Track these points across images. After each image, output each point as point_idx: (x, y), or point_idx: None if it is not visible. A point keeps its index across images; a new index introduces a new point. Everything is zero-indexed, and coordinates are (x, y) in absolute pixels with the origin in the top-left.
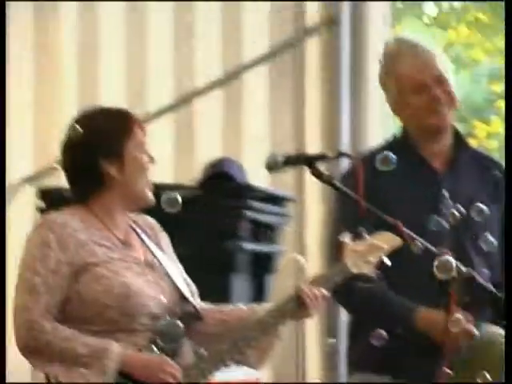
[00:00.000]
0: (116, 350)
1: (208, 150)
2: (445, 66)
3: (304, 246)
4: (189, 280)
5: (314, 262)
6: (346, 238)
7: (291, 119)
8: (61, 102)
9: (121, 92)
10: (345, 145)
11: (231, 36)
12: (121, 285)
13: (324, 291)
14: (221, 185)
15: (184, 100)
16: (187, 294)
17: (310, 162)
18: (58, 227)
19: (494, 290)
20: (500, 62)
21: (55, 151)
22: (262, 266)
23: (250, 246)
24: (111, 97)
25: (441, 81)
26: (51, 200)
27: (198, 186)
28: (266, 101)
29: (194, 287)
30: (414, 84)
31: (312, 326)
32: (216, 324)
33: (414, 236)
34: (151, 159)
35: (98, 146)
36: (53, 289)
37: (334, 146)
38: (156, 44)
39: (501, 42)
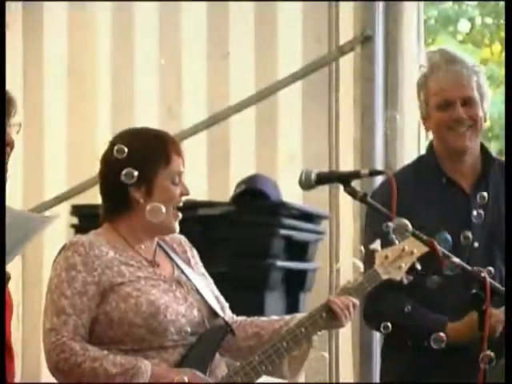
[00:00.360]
0: (147, 367)
1: (242, 167)
2: (483, 87)
3: (338, 263)
4: (218, 294)
5: (346, 278)
6: (377, 244)
7: (325, 137)
8: (95, 118)
9: (154, 108)
10: (378, 162)
11: (266, 54)
12: (148, 303)
13: (354, 300)
14: (255, 202)
15: (218, 117)
16: (217, 308)
17: (343, 179)
18: (84, 249)
19: None
20: None
21: (88, 169)
22: (297, 283)
23: (284, 263)
24: (145, 115)
25: (468, 102)
26: (84, 216)
27: (231, 203)
28: (300, 118)
29: (223, 301)
30: (439, 100)
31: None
32: (249, 337)
33: (449, 254)
34: (185, 191)
35: (146, 167)
36: (80, 310)
37: (368, 164)
38: (190, 60)
39: None
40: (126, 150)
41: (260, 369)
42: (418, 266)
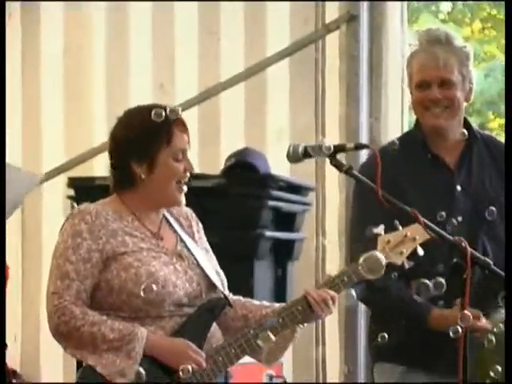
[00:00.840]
0: (143, 333)
1: (232, 142)
2: (467, 67)
3: (324, 233)
4: (219, 269)
5: (333, 248)
6: (380, 229)
7: (312, 112)
8: (91, 93)
9: (147, 85)
10: (363, 137)
11: (255, 33)
12: (147, 273)
13: (332, 293)
14: (244, 174)
15: (209, 93)
16: (217, 282)
17: (329, 152)
18: (91, 217)
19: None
20: None
21: (85, 142)
22: (284, 252)
23: (272, 233)
24: (138, 92)
25: (446, 83)
26: (80, 188)
27: (221, 176)
28: (288, 94)
29: (223, 277)
30: (418, 79)
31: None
32: (238, 318)
33: (430, 225)
34: (189, 167)
35: (130, 145)
36: (83, 276)
37: (353, 139)
38: (182, 39)
39: None
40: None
41: (239, 351)
42: (421, 252)
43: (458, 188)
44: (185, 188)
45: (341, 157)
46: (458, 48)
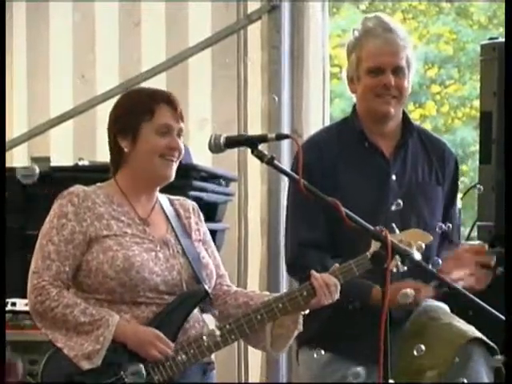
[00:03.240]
0: (114, 321)
1: None
2: (411, 61)
3: (246, 224)
4: (219, 263)
5: (255, 239)
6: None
7: (234, 102)
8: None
9: (68, 75)
10: (285, 127)
11: (176, 22)
12: (124, 258)
13: (335, 281)
14: None
15: (130, 83)
16: (201, 274)
17: (251, 143)
18: (78, 199)
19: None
20: (437, 48)
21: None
22: None
23: None
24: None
25: (398, 71)
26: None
27: None
28: (210, 84)
29: (223, 270)
30: (371, 65)
31: None
32: (239, 305)
33: (352, 215)
34: (174, 144)
35: (116, 122)
36: (65, 257)
37: (275, 129)
38: (103, 28)
39: (435, 29)
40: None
41: (229, 336)
42: (418, 257)
43: (393, 177)
44: (173, 165)
45: (263, 147)
46: (406, 37)
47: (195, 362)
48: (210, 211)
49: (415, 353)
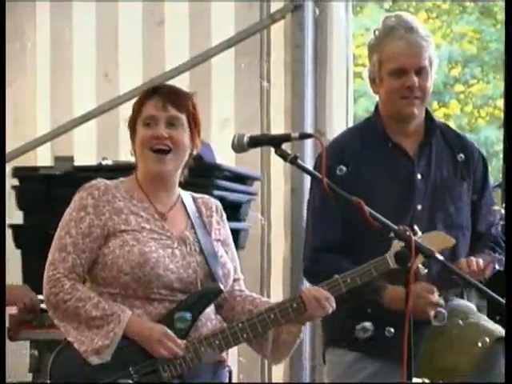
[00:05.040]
0: (125, 317)
1: None
2: (433, 59)
3: (269, 223)
4: (237, 265)
5: (278, 238)
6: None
7: (257, 101)
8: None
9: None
10: (309, 126)
11: (200, 21)
12: (139, 253)
13: (325, 293)
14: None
15: (153, 83)
16: (217, 274)
17: (274, 142)
18: (98, 193)
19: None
20: (460, 47)
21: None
22: None
23: None
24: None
25: (421, 72)
26: (24, 178)
27: None
28: (233, 84)
29: (239, 273)
30: (394, 66)
31: None
32: (244, 312)
33: (375, 214)
34: (157, 133)
35: (129, 120)
36: (81, 250)
37: (298, 128)
38: (127, 28)
39: (459, 28)
40: None
41: (241, 335)
42: (440, 257)
43: (419, 176)
44: (164, 158)
45: (286, 147)
46: (428, 37)
47: (205, 360)
48: (234, 210)
49: (480, 344)
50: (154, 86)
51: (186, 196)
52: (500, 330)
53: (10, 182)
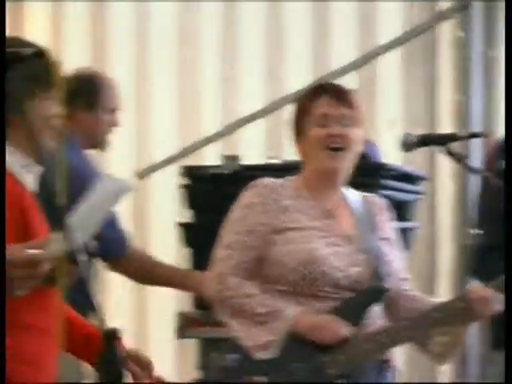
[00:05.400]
0: (291, 313)
1: None
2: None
3: (436, 223)
4: (392, 260)
5: (444, 237)
6: None
7: (424, 101)
8: (202, 83)
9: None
10: (476, 126)
11: (367, 21)
12: (306, 251)
13: (489, 293)
14: (356, 163)
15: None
16: (382, 271)
17: (443, 141)
18: (265, 191)
19: None
20: None
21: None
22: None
23: None
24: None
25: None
26: (196, 177)
27: None
28: (399, 84)
29: (395, 268)
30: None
31: None
32: (409, 312)
33: None
34: (335, 132)
35: (295, 119)
36: (246, 247)
37: (465, 127)
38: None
39: None
40: None
41: (387, 341)
42: None
43: None
44: (338, 155)
45: (453, 146)
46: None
47: (371, 359)
48: (401, 210)
49: None
50: (319, 84)
51: (352, 194)
52: None
53: (178, 180)
